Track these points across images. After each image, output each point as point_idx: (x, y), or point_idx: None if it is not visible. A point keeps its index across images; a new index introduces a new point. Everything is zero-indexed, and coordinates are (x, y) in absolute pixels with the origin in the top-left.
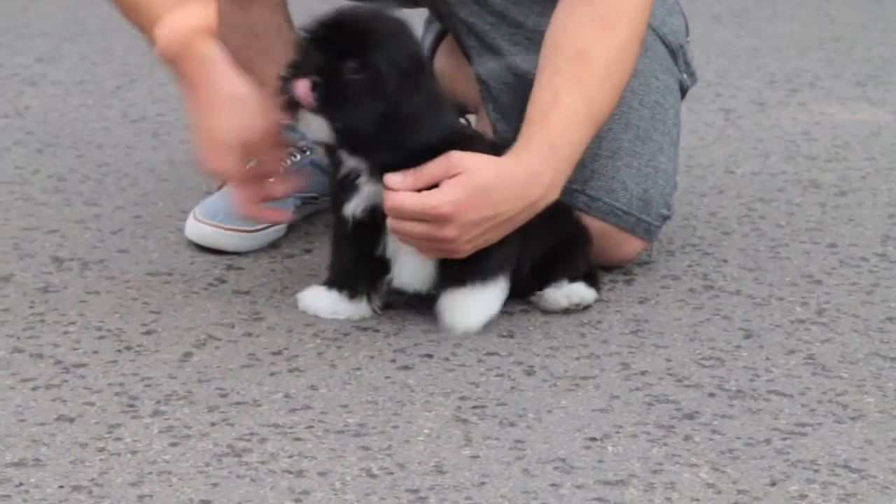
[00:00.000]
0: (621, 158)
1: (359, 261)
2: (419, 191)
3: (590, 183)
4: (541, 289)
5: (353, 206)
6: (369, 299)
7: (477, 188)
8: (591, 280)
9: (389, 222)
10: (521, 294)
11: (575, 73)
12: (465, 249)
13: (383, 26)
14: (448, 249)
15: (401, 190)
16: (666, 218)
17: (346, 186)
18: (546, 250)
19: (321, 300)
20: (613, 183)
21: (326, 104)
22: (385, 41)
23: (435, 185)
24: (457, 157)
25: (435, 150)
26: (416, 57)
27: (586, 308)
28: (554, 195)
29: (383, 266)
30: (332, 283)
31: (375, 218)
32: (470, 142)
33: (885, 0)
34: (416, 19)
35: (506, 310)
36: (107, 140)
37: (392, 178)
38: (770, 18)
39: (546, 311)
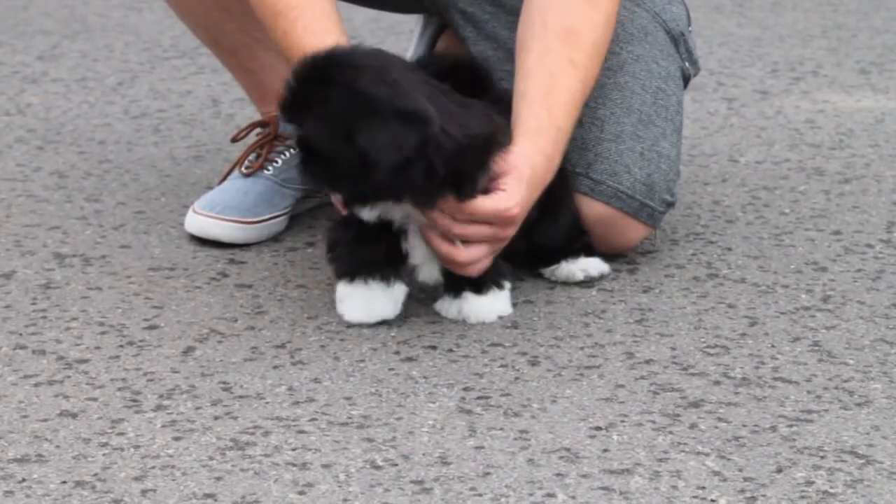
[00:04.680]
0: (624, 142)
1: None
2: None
3: (593, 166)
4: (555, 262)
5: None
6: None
7: (526, 184)
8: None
9: (456, 227)
10: (534, 266)
11: (567, 54)
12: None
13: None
14: (501, 246)
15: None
16: (669, 204)
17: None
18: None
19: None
20: (617, 166)
21: (305, 161)
22: (343, 98)
23: None
24: (511, 158)
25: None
26: (376, 100)
27: (601, 278)
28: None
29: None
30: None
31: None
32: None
33: None
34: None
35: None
36: (108, 136)
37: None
38: (772, 7)
39: (565, 283)
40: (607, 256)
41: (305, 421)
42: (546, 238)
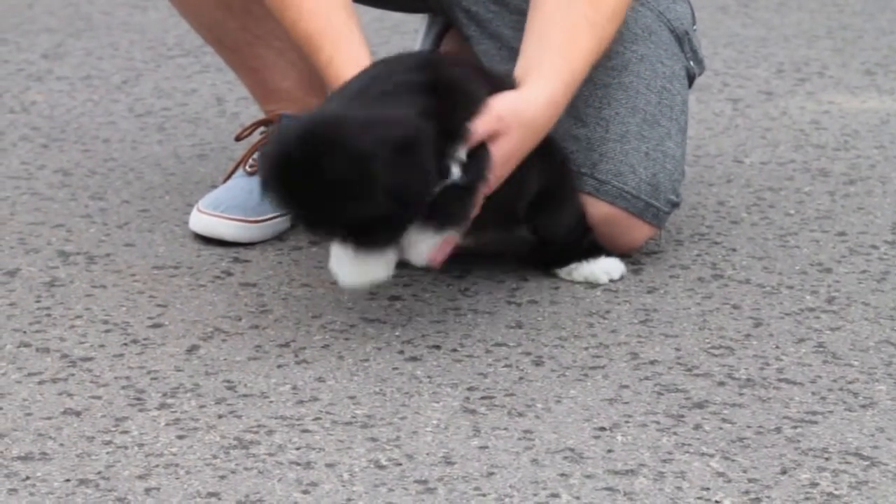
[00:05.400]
0: (629, 142)
1: None
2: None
3: (598, 166)
4: (572, 262)
5: None
6: None
7: (522, 132)
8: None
9: None
10: (548, 266)
11: (586, 13)
12: None
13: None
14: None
15: None
16: (674, 204)
17: None
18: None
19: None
20: (622, 166)
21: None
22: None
23: None
24: (503, 113)
25: None
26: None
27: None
28: None
29: None
30: None
31: None
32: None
33: None
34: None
35: (513, 300)
36: (112, 135)
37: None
38: (777, 7)
39: (589, 283)
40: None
41: (309, 420)
42: (549, 233)
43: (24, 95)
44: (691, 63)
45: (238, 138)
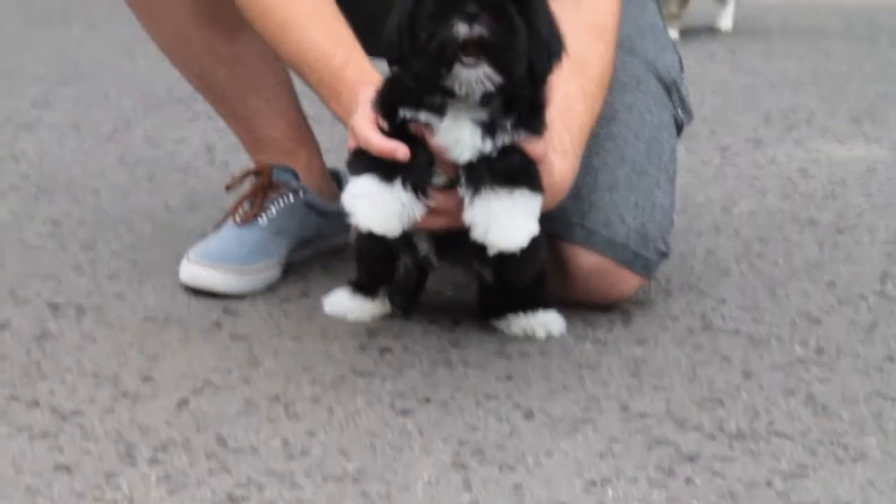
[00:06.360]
0: (618, 192)
1: (384, 259)
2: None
3: (587, 216)
4: (511, 312)
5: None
6: (391, 299)
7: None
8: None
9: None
10: (486, 315)
11: (577, 81)
12: None
13: None
14: None
15: None
16: (663, 254)
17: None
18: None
19: (345, 303)
20: (611, 216)
21: (499, 37)
22: None
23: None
24: (548, 161)
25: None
26: None
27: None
28: None
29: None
30: (356, 285)
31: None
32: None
33: (879, 35)
34: None
35: (503, 351)
36: (102, 184)
37: None
38: (764, 55)
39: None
40: (601, 307)
41: (300, 475)
42: (514, 276)
43: (14, 144)
44: (679, 112)
45: (228, 188)
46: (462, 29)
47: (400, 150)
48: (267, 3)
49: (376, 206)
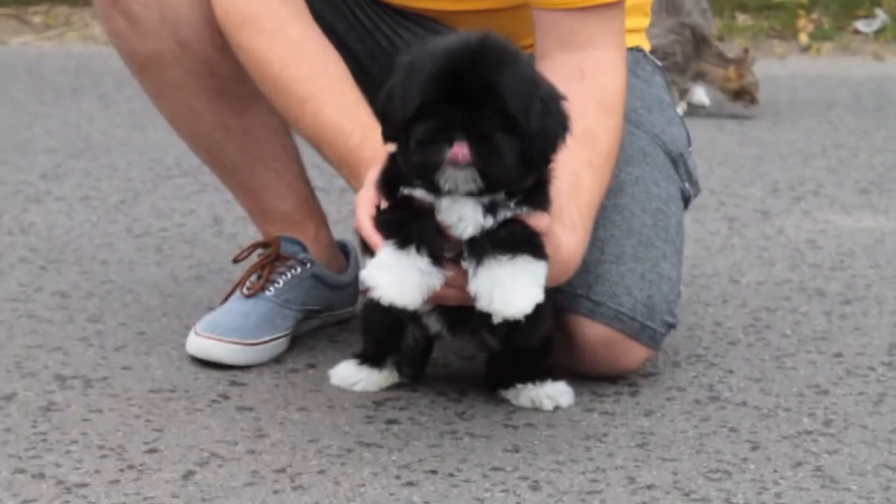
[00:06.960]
0: (625, 264)
1: (392, 329)
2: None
3: (594, 288)
4: (519, 383)
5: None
6: (399, 369)
7: (554, 263)
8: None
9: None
10: (494, 386)
11: (585, 155)
12: None
13: (509, 69)
14: None
15: None
16: (670, 326)
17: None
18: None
19: (352, 374)
20: (617, 288)
21: (483, 161)
22: (516, 85)
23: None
24: (555, 234)
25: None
26: (539, 82)
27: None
28: None
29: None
30: (363, 357)
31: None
32: None
33: (887, 107)
34: None
35: (510, 423)
36: (110, 256)
37: None
38: (772, 126)
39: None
40: (609, 378)
41: None
42: (521, 344)
43: (23, 216)
44: (686, 185)
45: (236, 260)
46: (449, 152)
47: (378, 248)
48: (283, 79)
49: (396, 277)
